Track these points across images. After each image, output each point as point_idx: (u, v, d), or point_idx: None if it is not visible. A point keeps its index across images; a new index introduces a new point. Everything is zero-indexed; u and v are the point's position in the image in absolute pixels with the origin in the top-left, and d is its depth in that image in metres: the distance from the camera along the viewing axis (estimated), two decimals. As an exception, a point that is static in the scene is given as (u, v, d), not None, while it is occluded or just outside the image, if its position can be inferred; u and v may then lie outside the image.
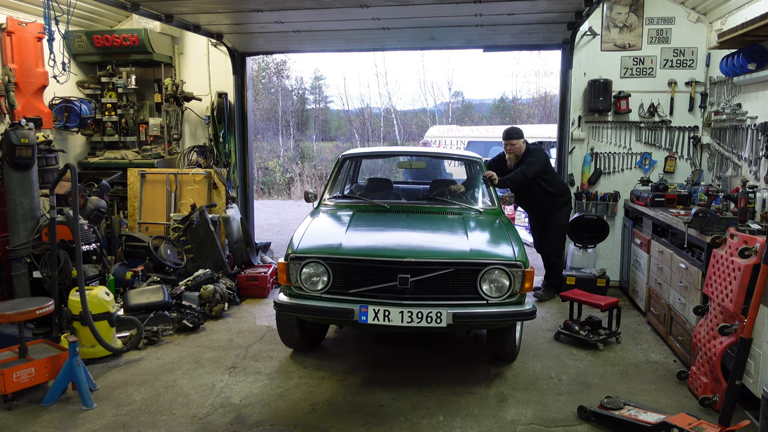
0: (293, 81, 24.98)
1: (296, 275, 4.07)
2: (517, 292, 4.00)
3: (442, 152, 7.36)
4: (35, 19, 5.90)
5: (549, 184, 6.05)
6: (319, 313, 4.06)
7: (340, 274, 4.02)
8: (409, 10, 5.35)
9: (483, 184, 5.49)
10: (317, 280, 4.05)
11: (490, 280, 3.98)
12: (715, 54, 5.98)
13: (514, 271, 3.98)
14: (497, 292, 3.98)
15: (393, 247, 4.14)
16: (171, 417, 3.69)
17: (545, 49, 8.08)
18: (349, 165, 6.00)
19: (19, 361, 3.89)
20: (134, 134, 7.24)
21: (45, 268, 4.94)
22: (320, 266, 4.04)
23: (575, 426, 3.60)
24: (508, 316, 4.02)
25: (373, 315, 3.86)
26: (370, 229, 4.69)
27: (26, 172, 4.98)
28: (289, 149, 22.77)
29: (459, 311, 3.88)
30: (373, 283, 3.95)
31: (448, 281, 3.96)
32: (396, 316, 3.84)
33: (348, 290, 4.00)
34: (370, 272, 3.97)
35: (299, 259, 4.07)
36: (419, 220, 4.81)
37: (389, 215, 4.93)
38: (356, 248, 4.12)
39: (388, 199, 5.33)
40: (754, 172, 5.01)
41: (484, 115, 24.18)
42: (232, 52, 7.07)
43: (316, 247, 4.17)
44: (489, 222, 4.88)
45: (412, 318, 3.83)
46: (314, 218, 4.85)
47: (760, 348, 3.38)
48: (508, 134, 6.11)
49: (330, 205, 5.24)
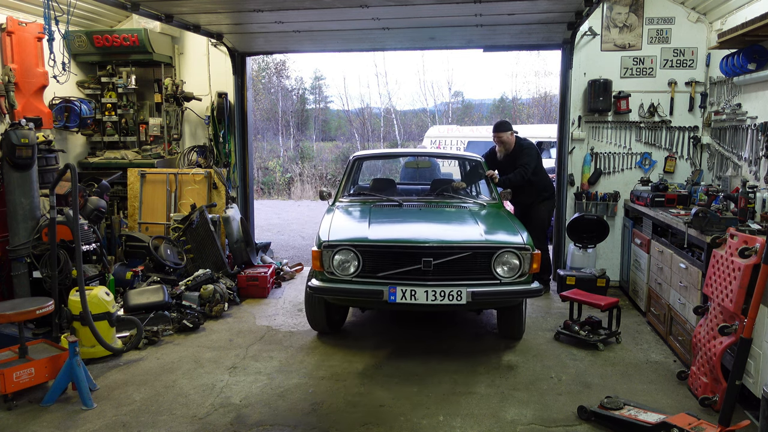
0: (293, 81, 25.01)
1: (329, 261, 4.42)
2: (527, 272, 4.42)
3: (447, 153, 8.09)
4: (35, 19, 5.90)
5: (534, 180, 6.29)
6: (351, 295, 4.42)
7: (369, 260, 4.40)
8: (409, 10, 5.35)
9: (484, 181, 6.03)
10: (348, 265, 4.41)
11: (503, 262, 4.40)
12: (715, 54, 5.98)
13: (523, 253, 4.39)
14: (510, 272, 4.41)
15: (416, 234, 4.59)
16: (171, 417, 3.69)
17: (545, 49, 8.09)
18: (356, 166, 6.31)
19: (19, 361, 3.89)
20: (134, 134, 7.24)
21: (45, 268, 4.94)
22: (350, 253, 4.41)
23: (575, 426, 3.60)
24: (519, 294, 4.46)
25: (401, 295, 4.24)
26: (390, 221, 5.08)
27: (26, 172, 4.98)
28: (289, 149, 22.76)
29: (476, 290, 4.29)
30: (399, 267, 4.34)
31: (465, 264, 4.36)
32: (422, 295, 4.24)
33: (377, 274, 4.38)
34: (396, 257, 4.37)
35: (331, 247, 4.43)
36: (432, 213, 5.29)
37: (403, 210, 5.35)
38: (383, 236, 4.55)
39: (397, 197, 5.74)
40: (754, 172, 5.01)
41: (484, 115, 24.16)
42: (232, 52, 7.07)
43: (346, 235, 4.55)
44: (494, 213, 5.33)
45: (435, 296, 4.23)
46: (334, 214, 5.22)
47: (760, 348, 3.38)
48: (496, 127, 6.43)
49: (345, 202, 5.67)
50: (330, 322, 5.07)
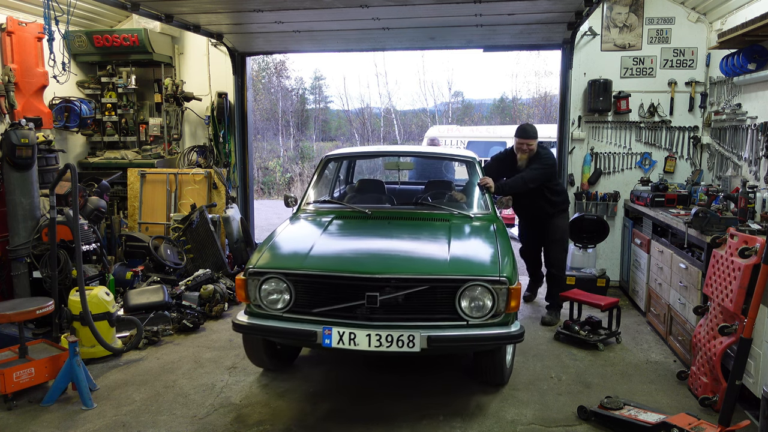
0: (293, 81, 25.03)
1: (255, 292, 3.64)
2: (502, 311, 3.51)
3: (432, 152, 6.74)
4: (35, 19, 5.90)
5: (552, 192, 5.46)
6: (278, 335, 3.67)
7: (302, 291, 3.60)
8: (409, 10, 5.35)
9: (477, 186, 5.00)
10: (277, 298, 3.62)
11: (471, 297, 3.51)
12: (715, 54, 5.98)
13: (497, 288, 3.48)
14: (478, 311, 3.50)
15: (362, 261, 3.77)
16: (171, 417, 3.69)
17: (545, 49, 8.08)
18: (337, 166, 5.73)
19: (19, 361, 3.89)
20: (134, 134, 7.24)
21: (45, 268, 4.94)
22: (281, 282, 3.60)
23: (575, 426, 3.60)
24: (491, 340, 3.54)
25: (338, 338, 3.41)
26: (343, 240, 4.28)
27: (26, 172, 4.98)
28: (289, 149, 22.78)
29: (434, 334, 3.42)
30: (338, 302, 3.52)
31: (422, 299, 3.50)
32: (363, 339, 3.39)
33: (311, 309, 3.57)
34: (335, 289, 3.54)
35: (258, 275, 3.64)
36: (400, 228, 4.37)
37: (370, 222, 4.48)
38: (320, 262, 3.70)
39: (377, 203, 4.89)
40: (754, 172, 5.01)
41: (484, 115, 24.19)
42: (232, 52, 7.07)
43: (278, 260, 3.80)
44: (479, 230, 4.38)
45: (380, 342, 3.38)
46: (286, 226, 4.44)
47: (760, 348, 3.38)
48: (526, 132, 5.33)
49: (309, 210, 4.79)
50: (275, 358, 4.22)
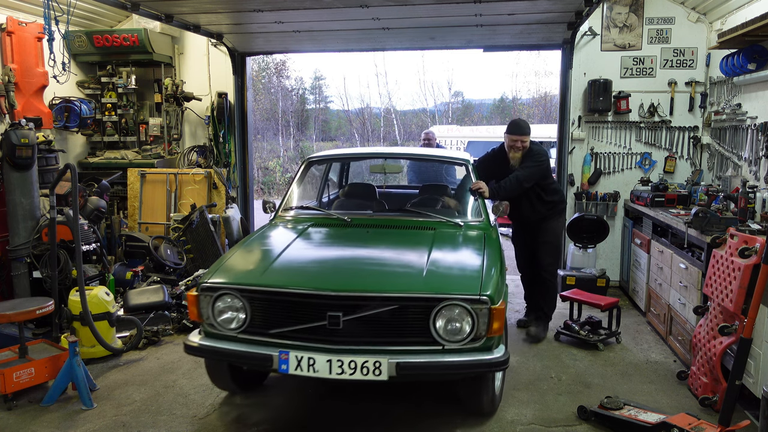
0: (293, 81, 25.04)
1: (208, 310, 3.28)
2: (483, 335, 3.11)
3: (421, 154, 6.21)
4: (35, 19, 5.90)
5: (547, 191, 5.04)
6: (231, 358, 3.33)
7: (259, 310, 3.25)
8: (409, 10, 5.35)
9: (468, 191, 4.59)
10: (232, 317, 3.26)
11: (448, 319, 3.10)
12: (715, 54, 5.98)
13: (477, 308, 3.08)
14: (456, 335, 3.10)
15: (325, 276, 3.41)
16: (171, 417, 3.69)
17: (545, 49, 8.09)
18: (326, 169, 5.48)
19: (19, 361, 3.89)
20: (134, 134, 7.24)
21: (45, 268, 4.94)
22: (236, 299, 3.24)
23: (575, 426, 3.60)
24: (469, 367, 3.13)
25: (296, 363, 3.06)
26: (311, 251, 3.88)
27: (26, 172, 4.99)
28: (289, 149, 22.79)
29: (405, 360, 3.04)
30: (297, 322, 3.16)
31: (392, 320, 3.12)
32: (323, 365, 3.04)
33: (268, 330, 3.22)
34: (293, 308, 3.19)
35: (211, 290, 3.28)
36: (379, 238, 4.03)
37: (348, 231, 4.14)
38: (279, 278, 3.35)
39: (364, 210, 4.53)
40: (754, 172, 5.01)
41: (484, 115, 24.20)
42: (232, 52, 7.07)
43: (233, 274, 3.43)
44: (467, 240, 3.98)
45: (342, 368, 3.02)
46: (256, 235, 4.15)
47: (760, 348, 3.38)
48: (520, 128, 4.89)
49: (286, 217, 4.44)
50: (240, 379, 3.84)
